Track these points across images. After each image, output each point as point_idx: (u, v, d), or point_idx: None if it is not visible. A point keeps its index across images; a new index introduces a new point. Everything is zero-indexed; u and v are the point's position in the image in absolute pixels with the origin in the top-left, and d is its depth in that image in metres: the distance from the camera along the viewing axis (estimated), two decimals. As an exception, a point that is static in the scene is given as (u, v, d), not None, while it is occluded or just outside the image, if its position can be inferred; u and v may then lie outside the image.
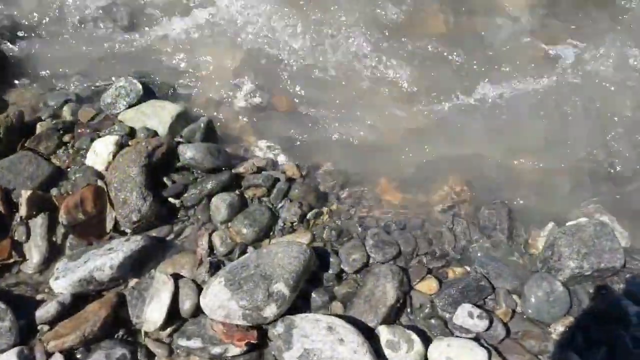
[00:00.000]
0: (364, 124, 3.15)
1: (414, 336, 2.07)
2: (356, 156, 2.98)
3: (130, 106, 2.86)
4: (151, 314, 2.07)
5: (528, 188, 2.80)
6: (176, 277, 2.20)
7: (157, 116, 2.79)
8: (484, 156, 2.91)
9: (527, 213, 2.68)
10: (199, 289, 2.15)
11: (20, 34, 3.26)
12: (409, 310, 2.27)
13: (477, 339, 2.16)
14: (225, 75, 3.25)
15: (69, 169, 2.61)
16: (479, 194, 2.73)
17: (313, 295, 2.24)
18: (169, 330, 2.08)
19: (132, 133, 2.73)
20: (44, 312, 2.05)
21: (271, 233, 2.49)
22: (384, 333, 2.07)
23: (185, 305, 2.10)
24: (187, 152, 2.59)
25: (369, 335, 2.04)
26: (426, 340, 2.11)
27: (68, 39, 3.29)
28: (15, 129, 2.64)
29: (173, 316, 2.09)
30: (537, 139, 3.02)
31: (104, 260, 2.17)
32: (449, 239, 2.54)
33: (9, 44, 3.14)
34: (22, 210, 2.37)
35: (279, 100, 3.25)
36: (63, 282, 2.13)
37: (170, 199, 2.52)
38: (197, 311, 2.10)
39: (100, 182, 2.49)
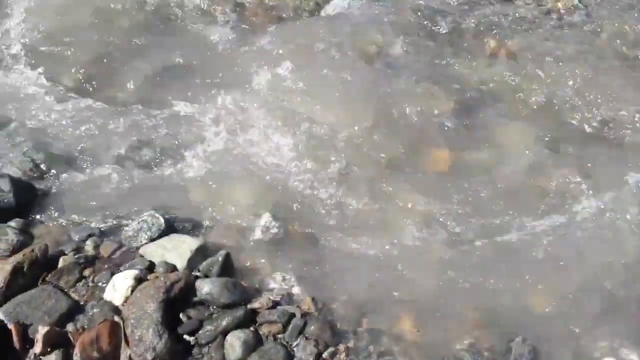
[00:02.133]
0: (380, 253, 3.17)
1: None
2: (374, 286, 2.96)
3: (151, 240, 2.94)
4: None
5: (547, 325, 2.74)
6: (187, 423, 2.13)
7: (177, 250, 2.86)
8: (502, 291, 2.88)
9: (549, 351, 2.60)
10: None
11: (49, 170, 3.44)
12: None
13: None
14: (244, 208, 3.34)
15: (86, 304, 2.62)
16: (499, 331, 2.67)
17: None
18: None
19: (151, 267, 2.78)
20: None
21: (286, 374, 2.43)
22: None
23: None
24: (204, 287, 2.61)
25: None
26: None
27: (94, 175, 3.46)
28: (40, 263, 2.71)
29: None
30: (554, 273, 2.99)
31: (114, 404, 2.12)
32: (471, 381, 2.45)
33: (39, 181, 3.33)
34: (37, 348, 2.36)
35: (295, 231, 3.31)
36: None
37: (185, 336, 2.50)
38: None
39: (117, 318, 2.49)
